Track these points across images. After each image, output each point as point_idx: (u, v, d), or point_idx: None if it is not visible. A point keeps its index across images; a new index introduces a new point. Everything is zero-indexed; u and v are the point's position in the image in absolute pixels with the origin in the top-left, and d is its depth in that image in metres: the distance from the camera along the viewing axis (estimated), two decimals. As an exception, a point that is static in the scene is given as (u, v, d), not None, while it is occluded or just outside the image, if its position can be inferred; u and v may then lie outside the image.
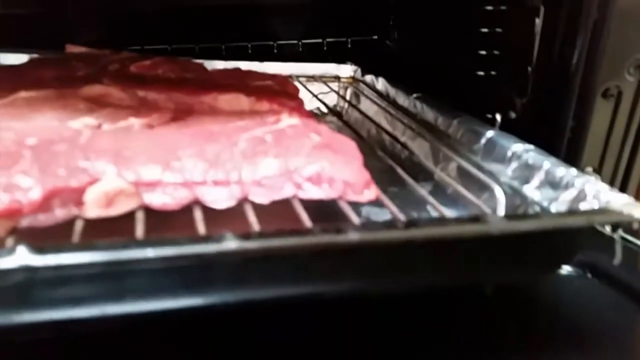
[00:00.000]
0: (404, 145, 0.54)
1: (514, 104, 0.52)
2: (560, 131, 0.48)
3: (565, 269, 0.41)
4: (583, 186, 0.37)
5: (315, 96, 0.68)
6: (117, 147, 0.32)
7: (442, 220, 0.29)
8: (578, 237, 0.34)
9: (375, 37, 0.79)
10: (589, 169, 0.49)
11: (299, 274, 0.28)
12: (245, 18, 0.74)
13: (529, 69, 0.50)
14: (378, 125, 0.62)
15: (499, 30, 0.56)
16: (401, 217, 0.35)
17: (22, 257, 0.22)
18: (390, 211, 0.36)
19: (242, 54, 0.76)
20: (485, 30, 0.58)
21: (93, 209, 0.30)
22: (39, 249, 0.22)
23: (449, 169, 0.51)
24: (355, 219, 0.34)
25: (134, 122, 0.39)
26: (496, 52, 0.57)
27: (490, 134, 0.47)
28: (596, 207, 0.35)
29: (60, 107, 0.39)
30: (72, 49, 0.61)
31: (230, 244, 0.24)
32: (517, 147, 0.44)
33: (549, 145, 0.45)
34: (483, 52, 0.58)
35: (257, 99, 0.50)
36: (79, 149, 0.32)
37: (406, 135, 0.59)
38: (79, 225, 0.30)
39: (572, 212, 0.34)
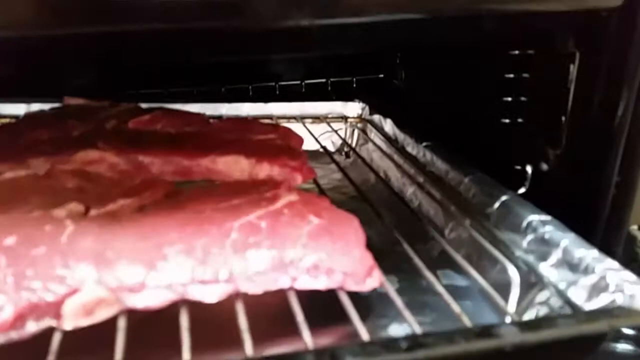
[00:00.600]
0: (410, 209, 0.51)
1: (546, 155, 0.48)
2: (604, 186, 0.43)
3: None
4: (604, 273, 0.34)
5: (318, 141, 0.66)
6: (100, 247, 0.30)
7: (449, 336, 0.26)
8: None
9: (382, 75, 0.76)
10: (634, 227, 0.46)
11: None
12: (246, 60, 0.73)
13: (563, 118, 0.46)
14: (383, 178, 0.60)
15: (526, 75, 0.52)
16: (407, 314, 0.32)
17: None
18: (396, 306, 0.33)
19: (243, 95, 0.75)
20: (510, 75, 0.54)
21: (71, 320, 0.28)
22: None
23: (459, 232, 0.48)
24: (354, 316, 0.31)
25: (123, 203, 0.37)
26: (523, 99, 0.52)
27: (504, 197, 0.45)
28: (620, 300, 0.32)
29: (47, 189, 0.38)
30: (70, 100, 0.60)
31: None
32: (534, 217, 0.41)
33: (590, 201, 0.42)
34: (508, 99, 0.54)
35: (257, 161, 0.48)
36: (59, 252, 0.30)
37: (414, 189, 0.57)
38: (56, 338, 0.28)
39: (593, 315, 0.31)
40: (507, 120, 0.54)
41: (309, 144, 0.65)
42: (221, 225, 0.34)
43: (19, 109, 0.63)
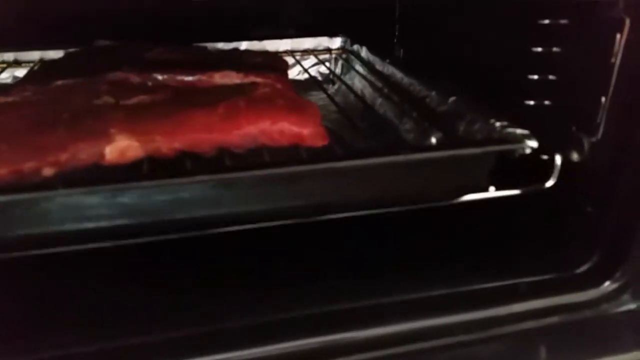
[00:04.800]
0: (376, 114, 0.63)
1: (580, 143, 0.43)
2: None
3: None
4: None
5: (307, 71, 0.78)
6: (129, 115, 0.44)
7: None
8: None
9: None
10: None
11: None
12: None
13: (603, 99, 0.40)
14: (360, 96, 0.72)
15: (557, 49, 0.45)
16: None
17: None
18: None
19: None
20: (537, 49, 0.47)
21: (110, 159, 0.42)
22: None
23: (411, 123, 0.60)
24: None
25: (143, 97, 0.50)
26: (552, 77, 0.46)
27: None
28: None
29: (86, 91, 0.51)
30: (99, 42, 0.74)
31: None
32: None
33: (630, 199, 0.39)
34: (534, 77, 0.48)
35: (245, 75, 0.61)
36: (101, 119, 0.43)
37: (381, 99, 0.69)
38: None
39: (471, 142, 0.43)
40: (531, 102, 0.49)
41: (301, 75, 0.77)
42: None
43: (59, 54, 0.77)
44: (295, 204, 0.40)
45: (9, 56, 0.79)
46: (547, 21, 0.46)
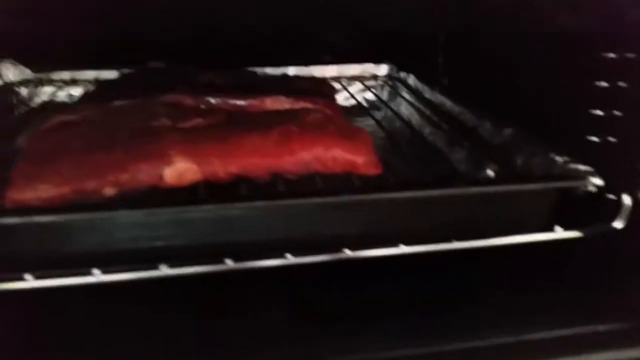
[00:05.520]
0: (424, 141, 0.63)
1: None
2: None
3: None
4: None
5: (353, 96, 0.78)
6: (186, 138, 0.45)
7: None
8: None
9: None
10: None
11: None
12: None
13: None
14: (407, 122, 0.71)
15: (622, 84, 0.44)
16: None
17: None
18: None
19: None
20: (602, 84, 0.46)
21: (169, 181, 0.42)
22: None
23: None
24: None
25: (198, 120, 0.51)
26: (617, 113, 0.45)
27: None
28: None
29: (144, 112, 0.52)
30: (153, 64, 0.76)
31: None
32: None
33: None
34: (598, 112, 0.46)
35: (295, 100, 0.61)
36: (159, 141, 0.44)
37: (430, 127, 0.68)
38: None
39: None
40: (595, 139, 0.47)
41: (348, 101, 0.78)
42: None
43: (113, 74, 0.79)
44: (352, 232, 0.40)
45: (66, 75, 0.82)
46: (612, 55, 0.45)
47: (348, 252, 0.39)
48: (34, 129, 0.52)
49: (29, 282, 0.36)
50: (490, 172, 0.48)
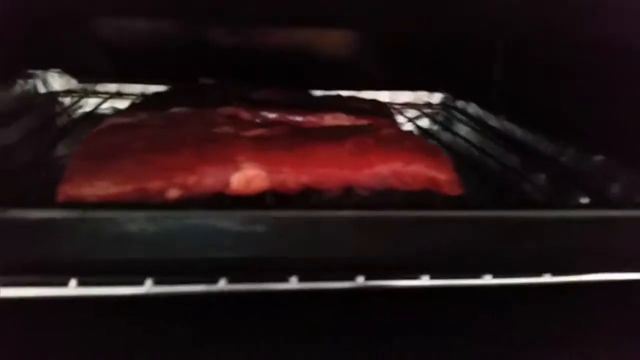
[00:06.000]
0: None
1: None
2: None
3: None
4: None
5: (412, 120, 0.75)
6: (256, 145, 0.41)
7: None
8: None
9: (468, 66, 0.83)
10: None
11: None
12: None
13: None
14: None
15: None
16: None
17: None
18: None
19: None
20: None
21: (236, 187, 0.39)
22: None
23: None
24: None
25: (263, 132, 0.47)
26: None
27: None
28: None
29: (204, 119, 0.49)
30: (204, 80, 0.73)
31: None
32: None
33: None
34: None
35: (356, 118, 0.58)
36: (228, 146, 0.41)
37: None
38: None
39: None
40: None
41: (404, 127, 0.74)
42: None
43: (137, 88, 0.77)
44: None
45: (112, 87, 0.80)
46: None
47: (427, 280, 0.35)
48: (87, 132, 0.49)
49: (72, 289, 0.32)
50: (584, 200, 0.43)
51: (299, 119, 0.59)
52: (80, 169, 0.37)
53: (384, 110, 0.64)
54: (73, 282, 0.32)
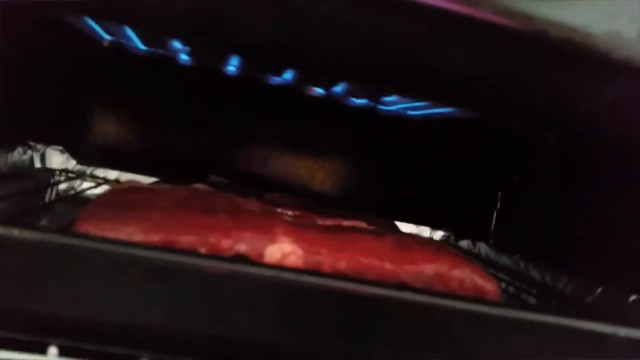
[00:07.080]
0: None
1: None
2: None
3: None
4: None
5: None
6: (294, 222, 0.38)
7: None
8: None
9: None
10: None
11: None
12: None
13: None
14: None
15: None
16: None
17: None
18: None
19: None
20: None
21: (268, 261, 0.34)
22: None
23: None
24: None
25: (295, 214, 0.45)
26: None
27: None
28: None
29: (229, 199, 0.46)
30: (213, 178, 0.71)
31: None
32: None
33: None
34: None
35: (376, 228, 0.56)
36: (266, 218, 0.37)
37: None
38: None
39: None
40: None
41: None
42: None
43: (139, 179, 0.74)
44: None
45: (112, 174, 0.77)
46: None
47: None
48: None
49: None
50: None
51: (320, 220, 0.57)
52: (101, 212, 0.33)
53: (393, 226, 0.62)
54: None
